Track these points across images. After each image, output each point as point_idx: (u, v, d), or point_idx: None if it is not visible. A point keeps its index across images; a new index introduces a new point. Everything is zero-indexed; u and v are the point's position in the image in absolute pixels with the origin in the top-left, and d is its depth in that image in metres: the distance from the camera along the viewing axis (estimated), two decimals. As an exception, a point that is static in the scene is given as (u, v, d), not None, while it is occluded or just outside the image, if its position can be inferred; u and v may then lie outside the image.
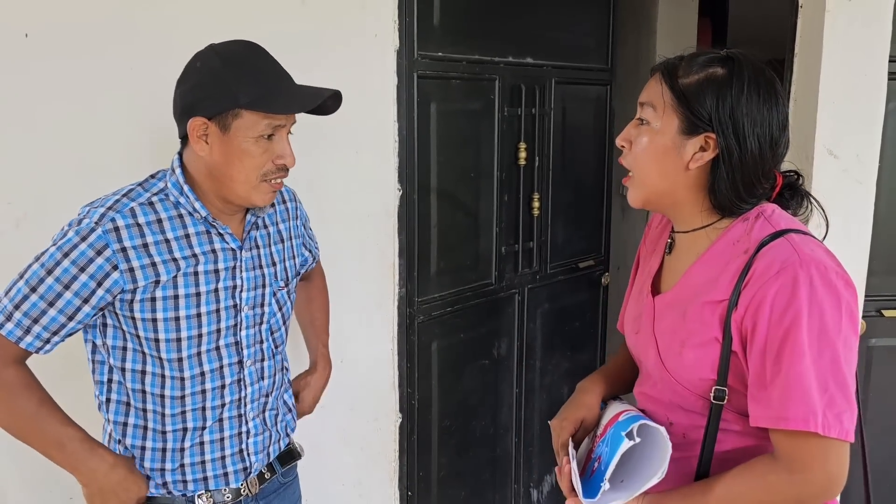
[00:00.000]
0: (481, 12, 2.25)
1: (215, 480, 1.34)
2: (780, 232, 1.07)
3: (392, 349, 2.10)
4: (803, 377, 1.00)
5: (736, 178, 1.08)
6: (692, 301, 1.12)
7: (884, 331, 2.38)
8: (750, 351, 1.05)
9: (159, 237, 1.24)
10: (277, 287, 1.39)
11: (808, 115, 2.19)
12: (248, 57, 1.24)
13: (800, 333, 1.00)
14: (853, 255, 2.23)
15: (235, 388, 1.34)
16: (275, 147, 1.24)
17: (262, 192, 1.26)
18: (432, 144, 2.14)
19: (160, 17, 1.68)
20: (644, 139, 1.12)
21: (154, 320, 1.24)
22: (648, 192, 1.15)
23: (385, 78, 1.96)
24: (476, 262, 2.38)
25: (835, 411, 1.00)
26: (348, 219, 1.96)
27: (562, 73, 2.55)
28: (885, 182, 2.25)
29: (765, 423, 1.04)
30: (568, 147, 2.64)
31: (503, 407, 2.56)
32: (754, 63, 1.10)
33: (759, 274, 1.04)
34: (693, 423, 1.15)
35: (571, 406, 1.29)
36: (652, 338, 1.18)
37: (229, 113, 1.20)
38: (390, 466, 2.16)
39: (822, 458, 1.02)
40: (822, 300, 1.00)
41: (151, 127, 1.70)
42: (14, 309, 1.19)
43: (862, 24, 2.10)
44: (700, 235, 1.15)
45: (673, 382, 1.14)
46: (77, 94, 1.63)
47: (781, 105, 1.10)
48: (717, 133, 1.07)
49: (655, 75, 1.14)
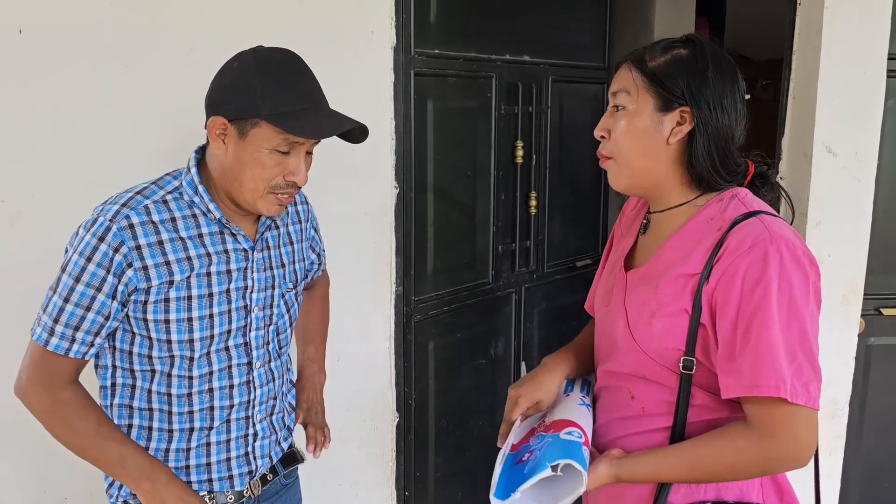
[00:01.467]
0: (478, 10, 2.24)
1: (220, 483, 1.34)
2: (753, 212, 1.13)
3: (389, 348, 2.09)
4: (773, 347, 1.04)
5: (712, 146, 1.15)
6: (665, 274, 1.17)
7: (882, 329, 2.37)
8: (720, 323, 1.09)
9: (173, 235, 1.24)
10: (286, 288, 1.39)
11: (806, 113, 2.18)
12: (285, 70, 1.23)
13: (770, 305, 1.05)
14: (852, 252, 2.23)
15: (245, 390, 1.34)
16: (289, 163, 1.23)
17: (267, 203, 1.26)
18: (429, 142, 2.13)
19: (155, 16, 1.67)
20: (622, 123, 1.18)
21: (167, 321, 1.24)
22: (633, 173, 1.20)
23: (382, 75, 1.94)
24: (473, 261, 2.37)
25: (802, 380, 1.05)
26: (345, 217, 1.95)
27: (559, 72, 2.55)
28: (884, 179, 2.25)
29: (737, 391, 1.08)
30: (565, 145, 2.63)
31: (500, 406, 2.54)
32: (711, 44, 1.18)
33: (732, 249, 1.09)
34: (654, 397, 1.19)
35: (533, 382, 1.33)
36: (622, 309, 1.22)
37: (249, 120, 1.19)
38: (387, 466, 2.14)
39: (790, 425, 1.06)
40: (790, 275, 1.06)
41: (147, 125, 1.69)
42: (54, 323, 1.21)
43: (860, 21, 2.09)
44: (676, 213, 1.20)
45: (639, 353, 1.18)
46: (71, 92, 1.61)
47: (740, 81, 1.17)
48: (690, 106, 1.13)
49: (624, 65, 1.20)
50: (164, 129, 1.70)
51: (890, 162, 2.27)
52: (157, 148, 1.70)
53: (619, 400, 1.25)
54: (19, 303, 1.55)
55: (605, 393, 1.29)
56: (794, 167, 2.25)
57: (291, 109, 1.20)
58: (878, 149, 2.19)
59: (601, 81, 2.76)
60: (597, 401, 1.32)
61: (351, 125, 1.24)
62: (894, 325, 2.38)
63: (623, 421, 1.23)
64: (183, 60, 1.68)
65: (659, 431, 1.19)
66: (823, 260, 2.21)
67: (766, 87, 4.23)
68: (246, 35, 1.35)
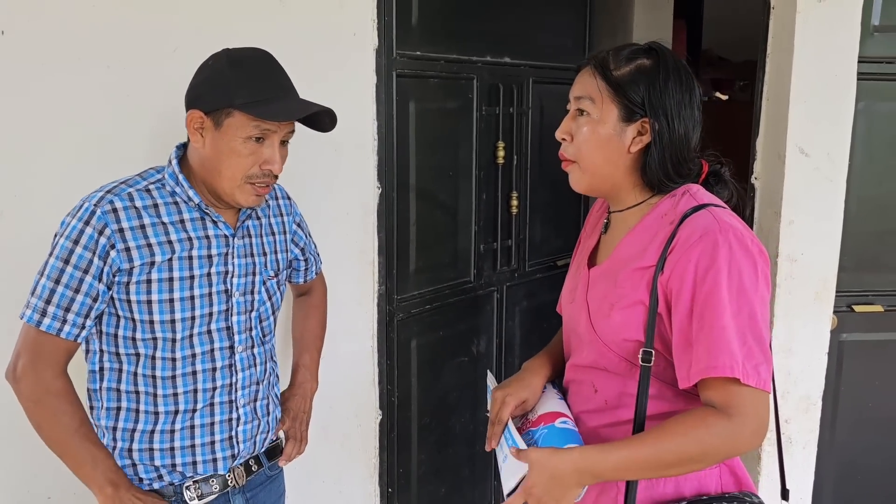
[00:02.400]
0: (459, 12, 2.26)
1: (204, 465, 1.38)
2: (703, 205, 1.18)
3: (372, 347, 2.10)
4: (725, 330, 1.08)
5: (666, 157, 1.19)
6: (623, 268, 1.21)
7: (854, 326, 2.42)
8: (675, 312, 1.13)
9: (155, 220, 1.30)
10: (267, 276, 1.45)
11: (780, 114, 2.23)
12: (256, 64, 1.31)
13: (720, 291, 1.09)
14: (824, 251, 2.28)
15: (227, 373, 1.38)
16: (263, 151, 1.30)
17: (245, 193, 1.33)
18: (411, 143, 2.15)
19: (137, 16, 1.68)
20: (585, 129, 1.22)
21: (149, 302, 1.29)
22: (592, 177, 1.25)
23: (364, 76, 1.96)
24: (455, 260, 2.39)
25: (752, 362, 1.09)
26: (328, 216, 1.97)
27: (539, 73, 2.58)
28: (855, 179, 2.29)
29: (696, 375, 1.10)
30: (545, 146, 2.66)
31: (482, 404, 2.58)
32: (672, 53, 1.22)
33: (683, 240, 1.14)
34: (615, 389, 1.23)
35: (518, 384, 1.36)
36: (584, 304, 1.27)
37: (223, 111, 1.27)
38: (371, 463, 2.16)
39: (752, 404, 1.09)
40: (739, 262, 1.10)
41: (130, 125, 1.70)
42: (46, 304, 1.26)
43: (832, 25, 2.14)
44: (633, 212, 1.26)
45: (601, 344, 1.22)
46: (54, 93, 1.62)
47: (696, 90, 1.22)
48: (650, 118, 1.18)
49: (587, 69, 1.24)
50: (146, 129, 1.71)
51: (861, 162, 2.32)
52: (140, 147, 1.71)
53: (584, 393, 1.29)
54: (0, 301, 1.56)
55: (572, 387, 1.33)
56: (769, 167, 2.30)
57: (262, 98, 1.27)
58: (850, 150, 2.24)
59: (581, 83, 2.80)
60: (565, 395, 1.36)
61: (318, 108, 1.31)
62: (866, 322, 2.43)
63: (589, 414, 1.28)
64: (166, 61, 1.69)
65: (622, 424, 1.22)
66: (797, 258, 2.26)
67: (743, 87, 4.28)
68: (229, 36, 1.37)
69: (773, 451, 2.29)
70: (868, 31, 2.23)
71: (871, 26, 2.24)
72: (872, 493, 2.56)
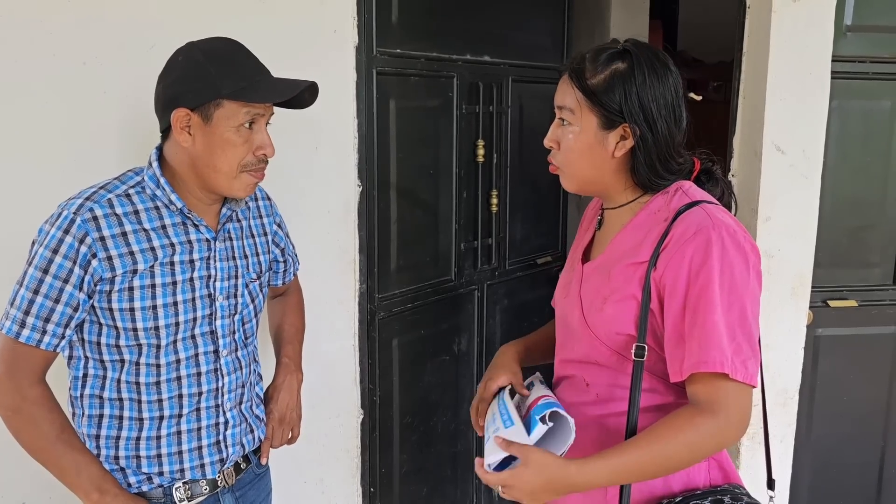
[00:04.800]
0: (439, 10, 2.26)
1: (192, 471, 1.35)
2: (696, 202, 1.20)
3: (353, 346, 2.10)
4: (716, 326, 1.11)
5: (652, 157, 1.21)
6: (617, 263, 1.23)
7: (829, 321, 2.46)
8: (668, 308, 1.15)
9: (137, 227, 1.27)
10: (250, 279, 1.43)
11: (756, 112, 2.26)
12: (229, 51, 1.29)
13: (713, 288, 1.11)
14: (800, 247, 2.31)
15: (213, 378, 1.37)
16: (255, 137, 1.29)
17: (243, 183, 1.31)
18: (391, 141, 2.15)
19: (115, 13, 1.65)
20: (569, 138, 1.24)
21: (132, 310, 1.26)
22: (581, 181, 1.28)
23: (345, 74, 1.95)
24: (436, 259, 2.39)
25: (741, 358, 1.11)
26: (308, 215, 1.96)
27: (518, 72, 2.59)
28: (829, 176, 2.33)
29: (688, 369, 1.12)
30: (525, 145, 2.68)
31: (464, 403, 2.58)
32: (648, 49, 1.22)
33: (678, 237, 1.16)
34: (607, 381, 1.25)
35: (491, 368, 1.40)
36: (578, 298, 1.28)
37: (211, 103, 1.24)
38: (353, 463, 2.15)
39: (736, 399, 1.12)
40: (732, 259, 1.13)
41: (106, 124, 1.67)
42: (25, 315, 1.23)
43: (806, 25, 2.17)
44: (626, 210, 1.28)
45: (593, 338, 1.24)
46: (28, 89, 1.59)
47: (675, 82, 1.22)
48: (630, 123, 1.19)
49: (564, 78, 1.24)
50: (123, 128, 1.69)
51: (835, 160, 2.35)
52: (116, 146, 1.68)
53: (575, 387, 1.30)
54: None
55: (564, 381, 1.35)
56: (745, 165, 2.33)
57: (247, 83, 1.26)
58: (824, 147, 2.27)
59: (559, 82, 2.81)
60: (555, 390, 1.37)
61: (305, 84, 1.30)
62: (841, 317, 2.47)
63: (581, 407, 1.28)
64: (143, 59, 1.67)
65: (613, 416, 1.24)
66: (773, 254, 2.29)
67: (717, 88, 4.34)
68: (208, 33, 1.35)
69: (751, 445, 2.32)
70: (841, 30, 2.26)
71: (843, 26, 2.28)
72: (848, 485, 2.60)
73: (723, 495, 1.18)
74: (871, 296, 2.49)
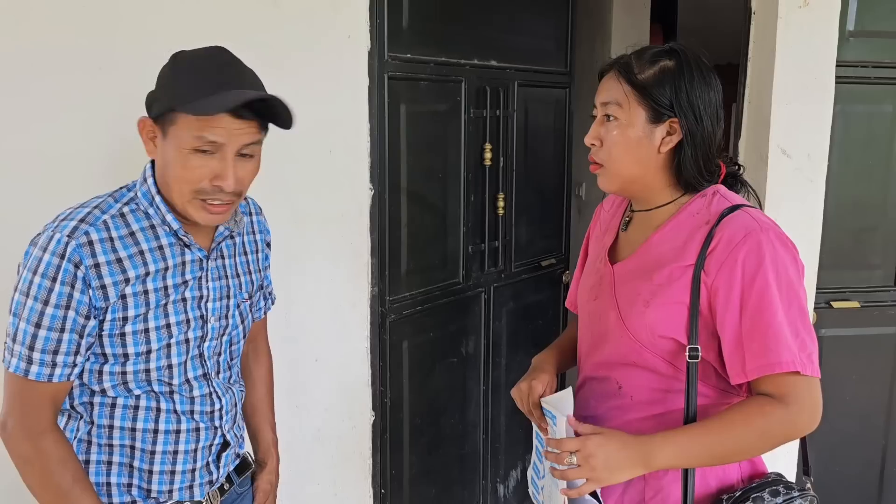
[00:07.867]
0: (447, 15, 2.28)
1: (180, 493, 1.30)
2: (737, 206, 1.22)
3: (366, 348, 2.11)
4: (781, 327, 1.13)
5: (698, 154, 1.22)
6: (658, 265, 1.23)
7: (833, 321, 2.49)
8: (724, 311, 1.16)
9: (132, 250, 1.20)
10: (241, 299, 1.37)
11: (762, 116, 2.29)
12: (199, 61, 1.18)
13: (771, 290, 1.14)
14: (805, 249, 2.30)
15: (208, 401, 1.31)
16: (213, 166, 1.16)
17: (196, 209, 1.20)
18: (402, 145, 2.16)
19: (129, 18, 1.66)
20: (615, 133, 1.23)
21: (122, 335, 1.20)
22: (624, 179, 1.26)
23: (358, 79, 1.97)
24: (444, 262, 2.41)
25: (806, 352, 1.14)
26: (322, 218, 1.97)
27: (524, 76, 2.61)
28: (834, 180, 2.36)
29: (755, 372, 1.14)
30: (530, 148, 2.70)
31: (471, 404, 2.60)
32: (694, 52, 1.25)
33: (727, 241, 1.17)
34: (643, 384, 1.25)
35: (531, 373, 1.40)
36: (613, 301, 1.28)
37: (167, 116, 1.16)
38: (364, 465, 2.16)
39: (808, 392, 1.15)
40: (783, 258, 1.15)
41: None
42: (30, 351, 1.15)
43: (811, 31, 2.21)
44: (662, 211, 1.28)
45: (632, 341, 1.24)
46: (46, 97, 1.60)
47: (717, 85, 1.25)
48: (679, 117, 1.20)
49: (611, 74, 1.26)
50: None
51: (839, 163, 2.39)
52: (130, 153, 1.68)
53: (606, 390, 1.30)
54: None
55: (591, 384, 1.34)
56: (752, 168, 2.36)
57: (199, 94, 1.12)
58: (828, 151, 2.30)
59: (563, 86, 2.84)
60: (578, 393, 1.37)
61: (256, 96, 1.14)
62: (844, 317, 2.50)
63: (610, 411, 1.29)
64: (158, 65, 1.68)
65: (648, 419, 1.24)
66: (779, 256, 2.32)
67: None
68: (223, 39, 1.33)
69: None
70: (844, 36, 2.30)
71: (846, 32, 2.32)
72: (851, 484, 2.63)
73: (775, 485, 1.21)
74: (872, 297, 2.52)
